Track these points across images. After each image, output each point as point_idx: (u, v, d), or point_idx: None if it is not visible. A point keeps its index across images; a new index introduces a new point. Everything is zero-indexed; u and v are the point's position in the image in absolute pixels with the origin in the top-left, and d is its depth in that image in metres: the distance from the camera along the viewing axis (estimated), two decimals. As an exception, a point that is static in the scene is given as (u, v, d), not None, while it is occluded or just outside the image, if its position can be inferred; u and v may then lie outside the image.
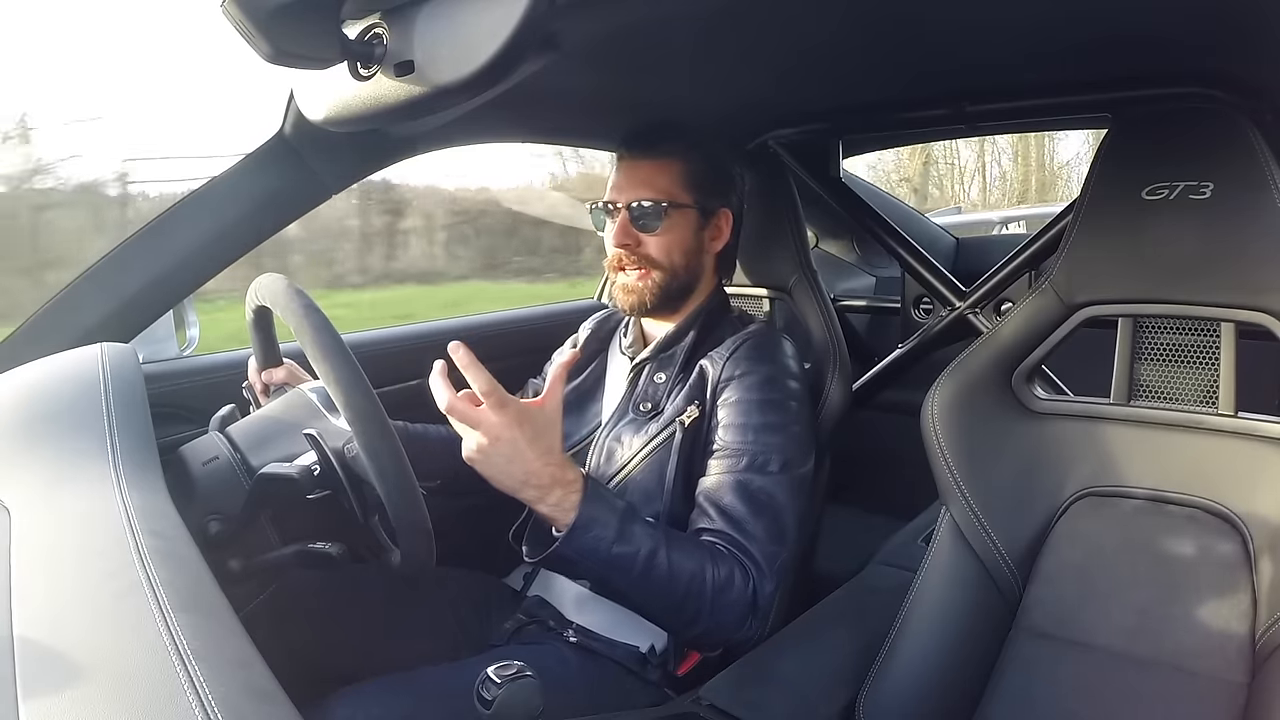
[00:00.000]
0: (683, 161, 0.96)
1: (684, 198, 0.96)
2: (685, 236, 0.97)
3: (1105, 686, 0.74)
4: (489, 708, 0.52)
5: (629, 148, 0.98)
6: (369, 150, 1.02)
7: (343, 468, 0.70)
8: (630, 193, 0.96)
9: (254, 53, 0.61)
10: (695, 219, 0.98)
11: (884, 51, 0.94)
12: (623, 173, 0.97)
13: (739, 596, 0.81)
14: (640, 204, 0.95)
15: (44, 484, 0.55)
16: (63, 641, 0.40)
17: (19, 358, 0.79)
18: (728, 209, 1.01)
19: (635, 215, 0.95)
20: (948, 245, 1.84)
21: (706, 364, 0.95)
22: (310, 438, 0.70)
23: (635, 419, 0.97)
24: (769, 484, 0.87)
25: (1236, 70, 0.92)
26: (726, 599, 0.81)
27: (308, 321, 0.66)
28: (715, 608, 0.80)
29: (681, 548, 0.81)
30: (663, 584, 0.79)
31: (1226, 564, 0.73)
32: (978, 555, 0.82)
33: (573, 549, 0.75)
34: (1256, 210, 0.71)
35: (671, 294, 0.98)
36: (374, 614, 0.95)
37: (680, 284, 0.98)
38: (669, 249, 0.96)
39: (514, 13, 0.54)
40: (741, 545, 0.84)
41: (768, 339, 0.98)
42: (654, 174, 0.95)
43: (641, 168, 0.96)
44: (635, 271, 0.97)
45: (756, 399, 0.91)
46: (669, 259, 0.96)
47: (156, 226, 0.92)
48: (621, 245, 0.96)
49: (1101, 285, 0.81)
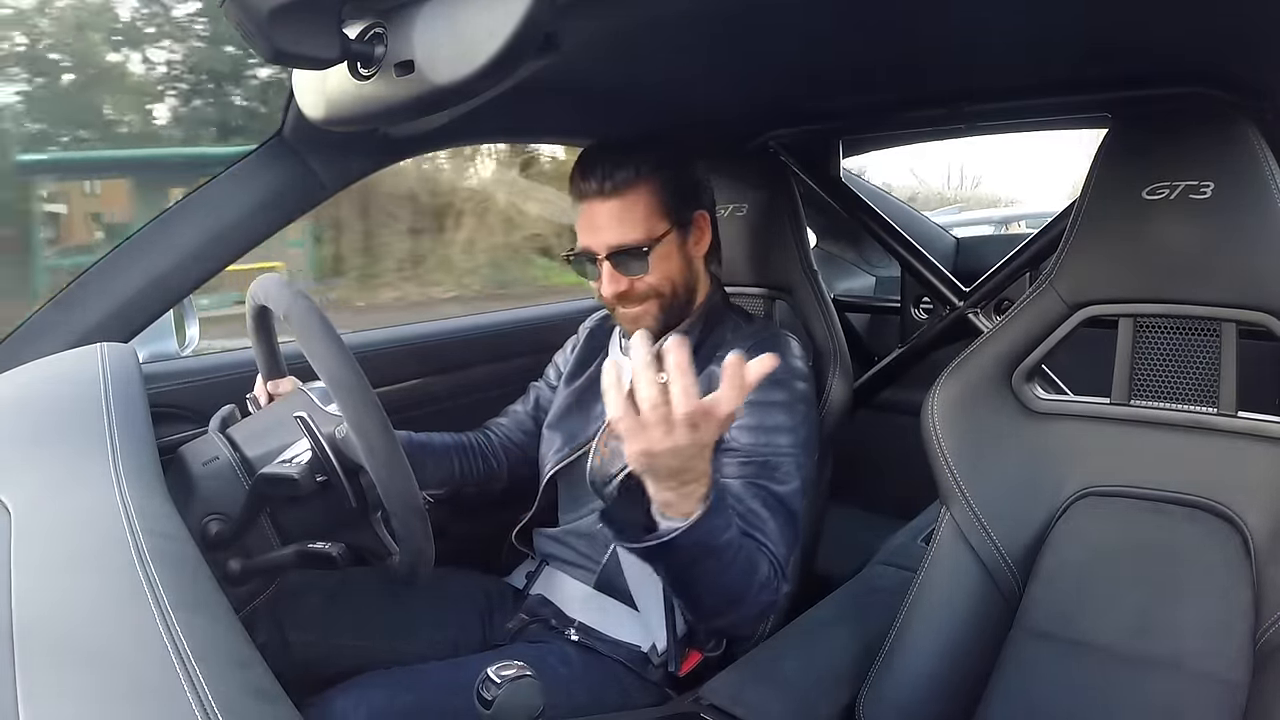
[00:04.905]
0: (648, 186, 0.90)
1: (661, 226, 0.91)
2: (673, 260, 0.93)
3: (1105, 686, 0.74)
4: (489, 707, 0.52)
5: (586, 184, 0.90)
6: (369, 150, 1.02)
7: (334, 452, 0.69)
8: (607, 238, 0.90)
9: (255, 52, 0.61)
10: (676, 238, 0.93)
11: (884, 51, 0.94)
12: (591, 216, 0.90)
13: (767, 592, 0.79)
14: (620, 249, 0.90)
15: (44, 484, 0.55)
16: (63, 641, 0.40)
17: (19, 358, 0.79)
18: (702, 210, 0.97)
19: (619, 261, 0.90)
20: (948, 245, 1.84)
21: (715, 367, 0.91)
22: (301, 420, 0.69)
23: None
24: (783, 489, 0.86)
25: (1236, 70, 0.92)
26: (760, 593, 0.78)
27: (297, 306, 0.67)
28: (751, 601, 0.78)
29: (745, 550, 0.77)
30: (739, 575, 0.75)
31: (1227, 563, 0.73)
32: (978, 555, 0.82)
33: (693, 537, 0.69)
34: (1256, 210, 0.71)
35: (676, 310, 0.96)
36: (374, 614, 0.95)
37: (682, 301, 0.96)
38: (663, 279, 0.92)
39: (514, 13, 0.54)
40: (762, 540, 0.82)
41: (778, 340, 0.96)
42: (624, 211, 0.89)
43: (611, 209, 0.89)
44: (634, 306, 0.93)
45: (767, 400, 0.89)
46: (667, 285, 0.93)
47: (156, 226, 0.92)
48: (615, 295, 0.91)
49: (1102, 285, 0.81)
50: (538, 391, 1.15)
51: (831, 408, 1.09)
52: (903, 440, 1.03)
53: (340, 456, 0.69)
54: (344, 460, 0.69)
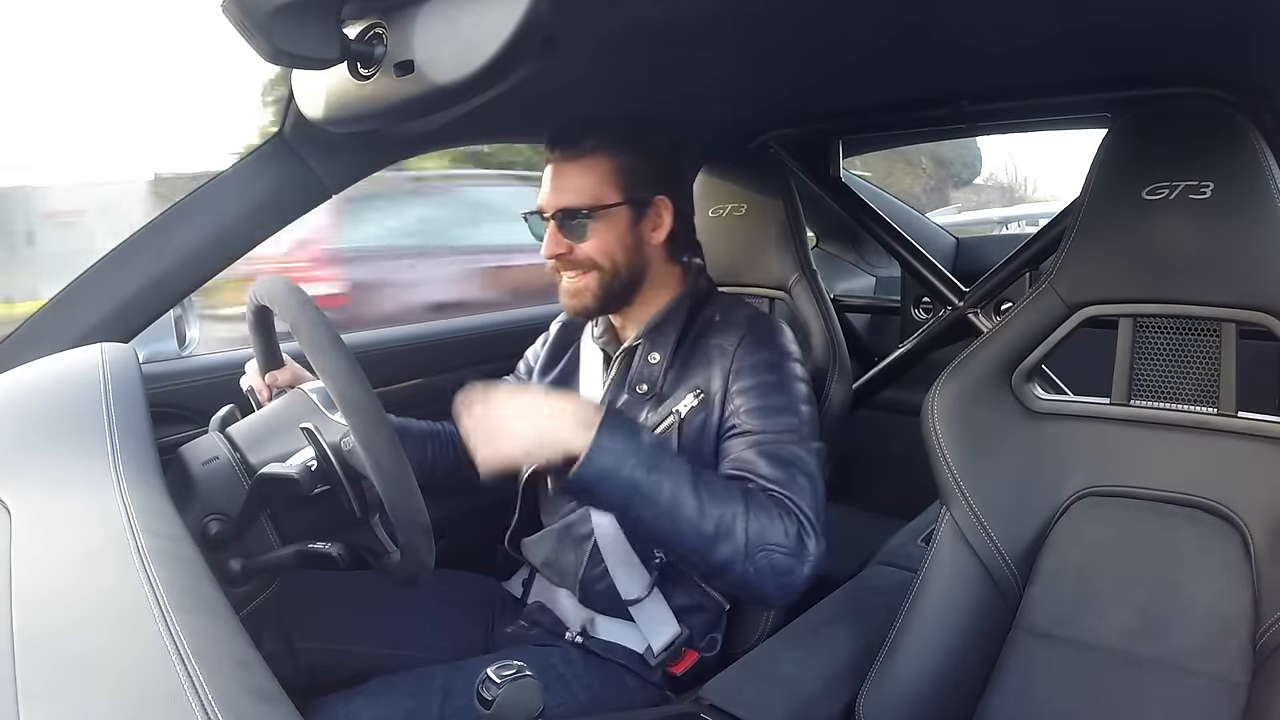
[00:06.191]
0: (609, 157, 0.91)
1: (611, 196, 0.91)
2: (619, 235, 0.92)
3: (1105, 686, 0.74)
4: (489, 708, 0.52)
5: (552, 149, 0.93)
6: (369, 150, 1.02)
7: (340, 463, 0.69)
8: (556, 199, 0.92)
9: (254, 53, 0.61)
10: (627, 215, 0.93)
11: (884, 51, 0.94)
12: (550, 177, 0.93)
13: (780, 541, 0.78)
14: (565, 211, 0.91)
15: (44, 484, 0.55)
16: (63, 641, 0.40)
17: (19, 358, 0.79)
18: (665, 195, 0.95)
19: (561, 223, 0.92)
20: (948, 245, 1.84)
21: (715, 359, 0.92)
22: (307, 431, 0.70)
23: (632, 400, 0.95)
24: (799, 451, 0.85)
25: (1236, 70, 0.92)
26: (764, 542, 0.77)
27: (304, 317, 0.66)
28: (751, 553, 0.77)
29: (710, 487, 0.78)
30: (689, 522, 0.75)
31: (1227, 563, 0.73)
32: (978, 555, 0.82)
33: (594, 470, 0.73)
34: (1256, 210, 0.71)
35: (615, 291, 0.94)
36: (377, 619, 0.95)
37: (624, 281, 0.94)
38: (602, 250, 0.92)
39: (514, 13, 0.54)
40: (789, 497, 0.82)
41: (767, 325, 0.95)
42: (579, 176, 0.91)
43: (567, 171, 0.92)
44: (572, 274, 0.94)
45: (765, 380, 0.89)
46: (607, 259, 0.92)
47: (156, 226, 0.92)
48: (553, 255, 0.93)
49: (1102, 285, 0.81)
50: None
51: (831, 408, 1.09)
52: (903, 440, 1.03)
53: (345, 467, 0.70)
54: (349, 470, 0.70)
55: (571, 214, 0.91)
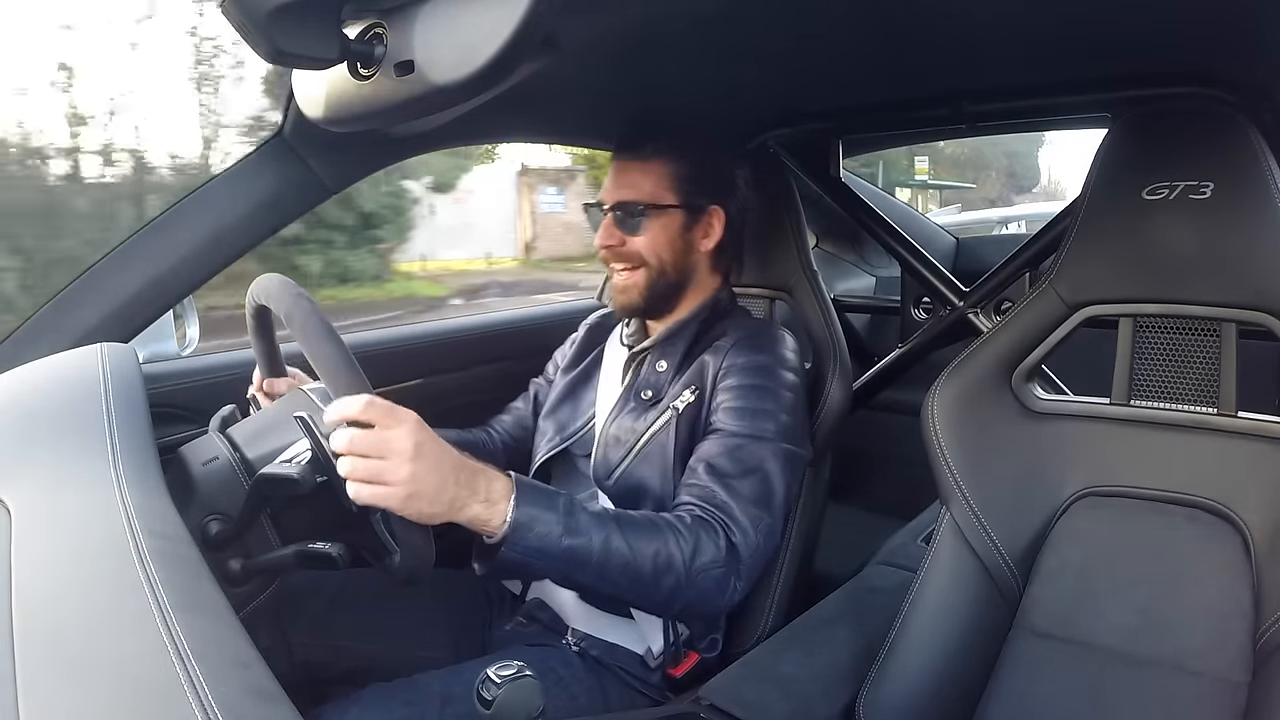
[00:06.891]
0: (669, 162, 0.96)
1: (668, 198, 0.96)
2: (670, 236, 0.97)
3: (1105, 686, 0.74)
4: (489, 708, 0.52)
5: (618, 149, 0.99)
6: (369, 150, 1.02)
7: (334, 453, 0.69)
8: (615, 193, 0.97)
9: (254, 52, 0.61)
10: (681, 219, 0.97)
11: (884, 51, 0.94)
12: (612, 173, 0.99)
13: (714, 559, 0.80)
14: (623, 205, 0.96)
15: (44, 484, 0.55)
16: (63, 641, 0.40)
17: (19, 358, 0.79)
18: (719, 206, 1.00)
19: (619, 216, 0.97)
20: (948, 245, 1.84)
21: (708, 356, 0.95)
22: (301, 420, 0.69)
23: (637, 407, 0.97)
24: (759, 449, 0.88)
25: (1236, 70, 0.92)
26: (700, 564, 0.79)
27: (297, 308, 0.67)
28: (692, 578, 0.78)
29: (635, 527, 0.78)
30: (627, 568, 0.76)
31: (1226, 563, 0.73)
32: (978, 555, 0.82)
33: (519, 551, 0.71)
34: (1256, 210, 0.71)
35: (661, 291, 0.98)
36: (376, 617, 0.95)
37: (670, 282, 0.98)
38: (653, 248, 0.97)
39: (514, 13, 0.54)
40: (723, 502, 0.83)
41: (768, 332, 0.99)
42: (640, 175, 0.96)
43: (629, 169, 0.97)
44: (624, 268, 0.98)
45: (750, 384, 0.92)
46: (655, 257, 0.97)
47: (156, 226, 0.92)
48: (605, 245, 0.97)
49: (1101, 285, 0.81)
50: (537, 388, 1.16)
51: (831, 408, 1.08)
52: (903, 440, 1.03)
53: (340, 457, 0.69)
54: None
55: (627, 208, 0.96)
